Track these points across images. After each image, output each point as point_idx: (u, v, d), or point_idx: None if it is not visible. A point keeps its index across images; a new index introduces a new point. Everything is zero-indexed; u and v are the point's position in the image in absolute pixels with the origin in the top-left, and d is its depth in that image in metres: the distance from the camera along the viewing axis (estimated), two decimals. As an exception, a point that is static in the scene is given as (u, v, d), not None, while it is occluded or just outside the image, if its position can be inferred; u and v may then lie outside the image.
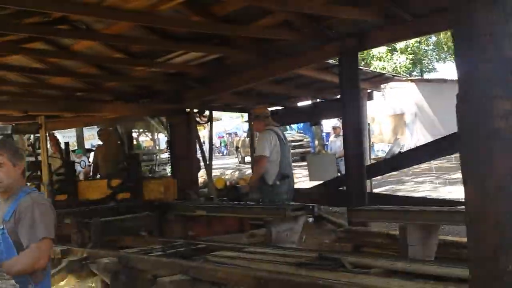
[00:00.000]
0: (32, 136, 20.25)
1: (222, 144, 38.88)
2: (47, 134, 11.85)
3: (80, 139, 20.99)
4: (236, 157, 27.50)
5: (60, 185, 7.88)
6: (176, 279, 4.40)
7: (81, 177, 11.01)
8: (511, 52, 1.55)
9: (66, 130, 17.05)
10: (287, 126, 22.20)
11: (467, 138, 1.59)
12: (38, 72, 8.74)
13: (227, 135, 39.89)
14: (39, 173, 9.17)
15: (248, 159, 23.20)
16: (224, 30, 6.22)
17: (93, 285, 6.00)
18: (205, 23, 6.21)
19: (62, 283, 6.33)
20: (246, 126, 29.10)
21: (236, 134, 35.61)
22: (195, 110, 8.26)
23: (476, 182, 1.55)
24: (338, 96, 9.97)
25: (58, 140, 10.22)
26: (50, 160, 14.31)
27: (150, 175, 12.43)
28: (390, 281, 3.51)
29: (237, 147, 27.32)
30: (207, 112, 9.26)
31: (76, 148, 16.84)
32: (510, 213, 1.48)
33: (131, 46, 7.59)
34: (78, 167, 10.88)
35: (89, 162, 12.82)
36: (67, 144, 8.47)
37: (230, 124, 38.74)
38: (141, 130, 19.12)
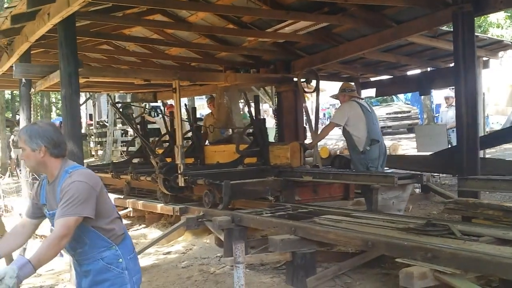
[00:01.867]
0: (147, 104, 21.57)
1: (326, 116, 38.69)
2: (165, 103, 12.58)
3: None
4: (339, 128, 27.30)
5: (188, 148, 8.25)
6: (286, 237, 4.65)
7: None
8: None
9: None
10: (393, 97, 21.56)
11: None
12: (156, 43, 9.35)
13: (331, 106, 39.61)
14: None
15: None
16: (334, -2, 6.25)
17: (208, 241, 6.47)
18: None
19: (180, 238, 6.90)
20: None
21: (333, 107, 35.31)
22: (303, 80, 8.37)
23: None
24: (451, 65, 9.63)
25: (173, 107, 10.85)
26: (159, 124, 15.23)
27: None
28: (501, 249, 3.49)
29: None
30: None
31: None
32: None
33: (243, 17, 7.87)
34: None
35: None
36: (194, 109, 8.86)
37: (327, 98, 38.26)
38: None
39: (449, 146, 9.80)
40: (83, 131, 27.14)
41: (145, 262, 5.99)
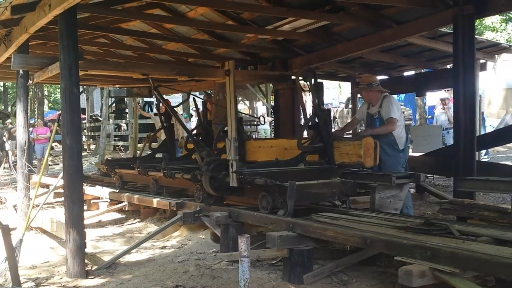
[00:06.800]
0: (140, 100, 21.43)
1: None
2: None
3: (186, 105, 21.98)
4: (333, 128, 27.29)
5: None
6: (284, 234, 4.65)
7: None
8: None
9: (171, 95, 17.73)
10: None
11: None
12: (154, 37, 9.33)
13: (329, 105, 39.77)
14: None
15: (346, 129, 22.99)
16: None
17: (203, 236, 6.46)
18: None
19: (175, 233, 6.89)
20: (342, 97, 28.74)
21: (331, 105, 35.46)
22: (300, 78, 8.38)
23: None
24: (448, 66, 9.71)
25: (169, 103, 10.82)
26: (153, 120, 15.18)
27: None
28: (500, 249, 3.51)
29: (334, 117, 27.10)
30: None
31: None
32: None
33: (243, 13, 7.87)
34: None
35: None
36: (204, 103, 8.51)
37: (327, 95, 38.48)
38: (239, 98, 19.53)
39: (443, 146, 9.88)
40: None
41: (141, 256, 5.99)
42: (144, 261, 5.72)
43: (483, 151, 11.01)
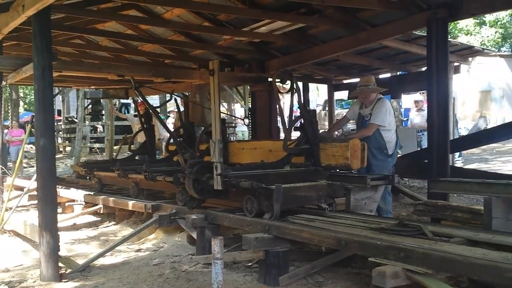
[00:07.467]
0: (117, 101, 21.20)
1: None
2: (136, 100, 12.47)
3: (163, 106, 21.86)
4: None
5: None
6: (260, 236, 4.66)
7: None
8: None
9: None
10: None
11: None
12: (130, 38, 9.26)
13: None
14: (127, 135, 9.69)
15: (323, 132, 23.20)
16: (311, -1, 6.30)
17: (179, 239, 6.43)
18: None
19: (151, 236, 6.84)
20: (320, 100, 28.86)
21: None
22: (277, 80, 8.42)
23: None
24: (422, 69, 9.84)
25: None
26: (130, 121, 15.05)
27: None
28: (473, 250, 3.56)
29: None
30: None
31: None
32: None
33: (219, 15, 7.87)
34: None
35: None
36: (186, 104, 8.08)
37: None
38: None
39: (418, 148, 10.00)
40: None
41: (116, 259, 5.94)
42: (119, 264, 5.66)
43: (457, 153, 11.19)
